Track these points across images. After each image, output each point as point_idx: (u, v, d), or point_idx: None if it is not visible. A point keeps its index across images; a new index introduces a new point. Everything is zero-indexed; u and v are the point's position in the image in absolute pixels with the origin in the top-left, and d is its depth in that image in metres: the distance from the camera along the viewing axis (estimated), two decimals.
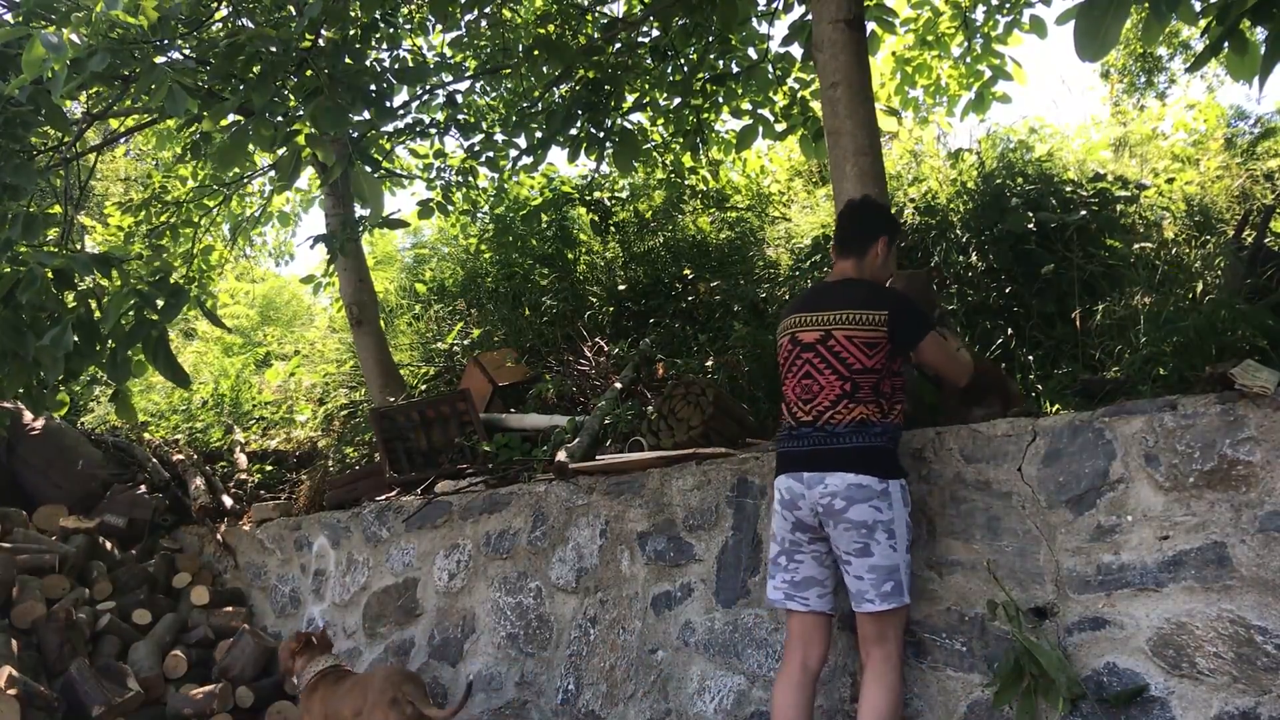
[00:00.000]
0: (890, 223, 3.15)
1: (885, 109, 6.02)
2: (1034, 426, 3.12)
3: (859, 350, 2.90)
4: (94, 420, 7.54)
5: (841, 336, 2.92)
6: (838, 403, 2.90)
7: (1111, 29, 2.31)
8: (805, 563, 2.99)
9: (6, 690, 3.80)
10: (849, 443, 2.85)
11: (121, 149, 9.76)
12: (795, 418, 3.01)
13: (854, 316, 2.92)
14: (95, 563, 5.02)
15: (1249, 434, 2.72)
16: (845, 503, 2.82)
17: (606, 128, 5.67)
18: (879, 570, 2.82)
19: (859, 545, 2.82)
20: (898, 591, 2.83)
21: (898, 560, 2.83)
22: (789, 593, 3.01)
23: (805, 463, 2.91)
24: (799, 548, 2.99)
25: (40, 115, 3.95)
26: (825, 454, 2.88)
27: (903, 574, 2.84)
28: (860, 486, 2.81)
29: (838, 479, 2.84)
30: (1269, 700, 2.56)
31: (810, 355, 2.97)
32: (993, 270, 5.16)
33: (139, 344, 3.66)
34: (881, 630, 2.87)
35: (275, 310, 10.55)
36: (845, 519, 2.82)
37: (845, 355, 2.91)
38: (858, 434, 2.86)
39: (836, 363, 2.92)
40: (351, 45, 4.18)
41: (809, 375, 2.96)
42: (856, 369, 2.90)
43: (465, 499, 4.55)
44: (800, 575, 2.99)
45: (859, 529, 2.81)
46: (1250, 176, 5.83)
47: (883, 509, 2.82)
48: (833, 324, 2.95)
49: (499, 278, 7.35)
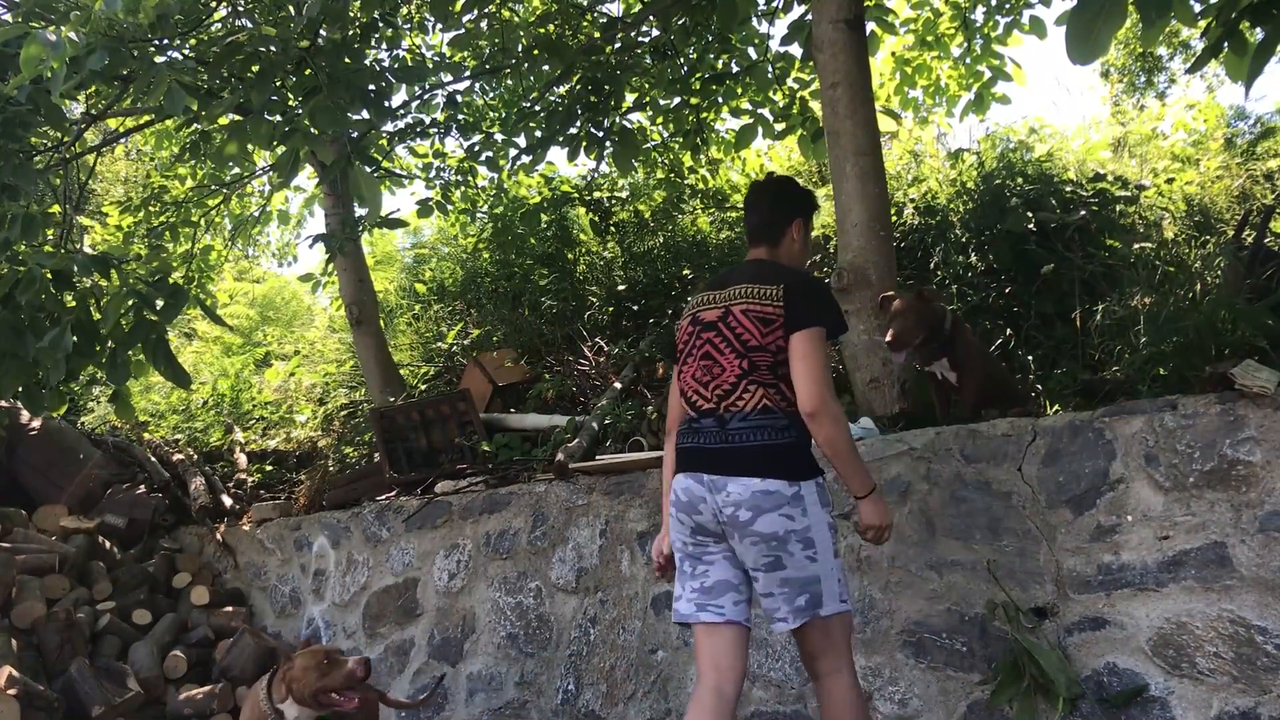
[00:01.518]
0: (803, 202, 2.82)
1: (884, 110, 6.02)
2: (1034, 426, 3.12)
3: (754, 325, 2.58)
4: (94, 420, 7.54)
5: (738, 311, 2.61)
6: (738, 384, 2.56)
7: (1103, 33, 2.30)
8: (716, 564, 2.59)
9: (6, 690, 3.80)
10: (753, 440, 2.51)
11: (121, 149, 9.76)
12: (695, 406, 2.65)
13: (752, 291, 2.62)
14: (95, 563, 5.01)
15: (1249, 434, 2.72)
16: (751, 513, 2.45)
17: (606, 127, 5.67)
18: (792, 584, 2.46)
19: (768, 559, 2.46)
20: (813, 605, 2.46)
21: (816, 571, 2.46)
22: (701, 602, 2.57)
23: (706, 463, 2.55)
24: (705, 549, 2.60)
25: (39, 115, 3.95)
26: (727, 454, 2.52)
27: (824, 585, 2.48)
28: (767, 493, 2.45)
29: (740, 486, 2.46)
30: (1269, 700, 2.56)
31: (711, 334, 2.66)
32: (993, 270, 5.16)
33: (139, 345, 3.66)
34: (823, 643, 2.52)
35: (275, 310, 10.55)
36: (752, 532, 2.45)
37: (741, 331, 2.60)
38: (762, 429, 2.52)
39: (734, 339, 2.60)
40: (351, 45, 4.18)
41: (709, 356, 2.64)
42: (752, 345, 2.57)
43: (465, 499, 4.55)
44: (712, 579, 2.58)
45: (768, 542, 2.45)
46: (1250, 176, 5.83)
47: (795, 516, 2.45)
48: (731, 300, 2.65)
49: (499, 278, 7.35)
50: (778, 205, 2.78)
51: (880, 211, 4.25)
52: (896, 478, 3.32)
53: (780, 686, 3.40)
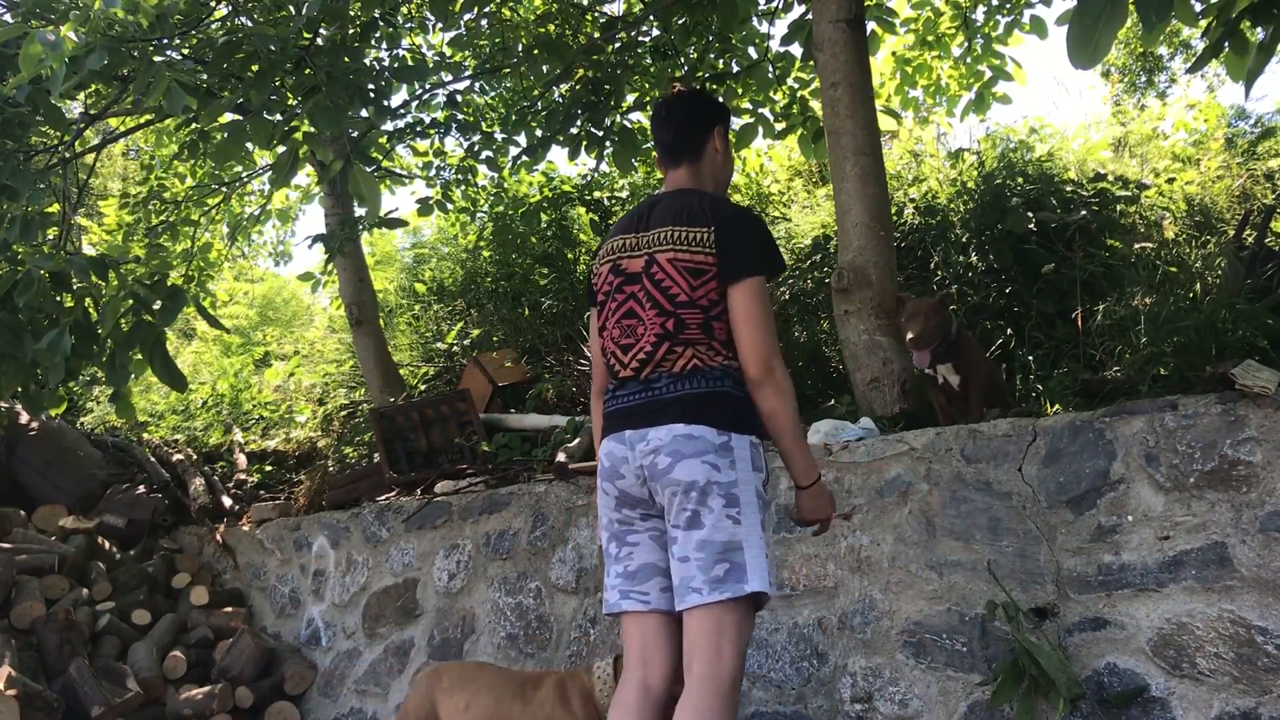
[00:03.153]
0: (719, 109, 2.48)
1: (885, 109, 6.02)
2: (1034, 426, 3.11)
3: (681, 278, 2.21)
4: (94, 420, 7.54)
5: (664, 260, 2.24)
6: (659, 346, 2.21)
7: (1104, 37, 2.30)
8: (641, 545, 2.26)
9: (6, 690, 3.80)
10: (679, 389, 2.18)
11: (120, 147, 9.76)
12: (614, 374, 2.32)
13: (678, 236, 2.24)
14: (95, 563, 5.01)
15: (1250, 434, 2.72)
16: (670, 459, 2.12)
17: (606, 127, 5.67)
18: (709, 547, 2.08)
19: (687, 513, 2.11)
20: (736, 577, 2.07)
21: (739, 536, 2.09)
22: (625, 589, 2.25)
23: (627, 420, 2.23)
24: (630, 528, 2.27)
25: (39, 115, 3.95)
26: (651, 406, 2.20)
27: (748, 554, 2.09)
28: (691, 438, 2.12)
29: (662, 431, 2.15)
30: (1269, 701, 2.56)
31: (634, 288, 2.29)
32: (993, 270, 5.16)
33: (137, 346, 3.66)
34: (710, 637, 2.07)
35: (274, 310, 10.55)
36: (671, 480, 2.12)
37: (669, 284, 2.23)
38: (690, 380, 2.19)
39: (660, 294, 2.23)
40: (350, 44, 4.18)
41: (632, 314, 2.27)
42: (681, 301, 2.21)
43: (465, 499, 4.55)
44: (636, 563, 2.25)
45: (687, 492, 2.10)
46: (1251, 176, 5.83)
47: (721, 467, 2.11)
48: (656, 245, 2.26)
49: (499, 277, 7.35)
50: (693, 115, 2.42)
51: (880, 211, 4.25)
52: (896, 478, 3.32)
53: (780, 687, 3.40)
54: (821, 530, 2.40)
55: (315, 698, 4.70)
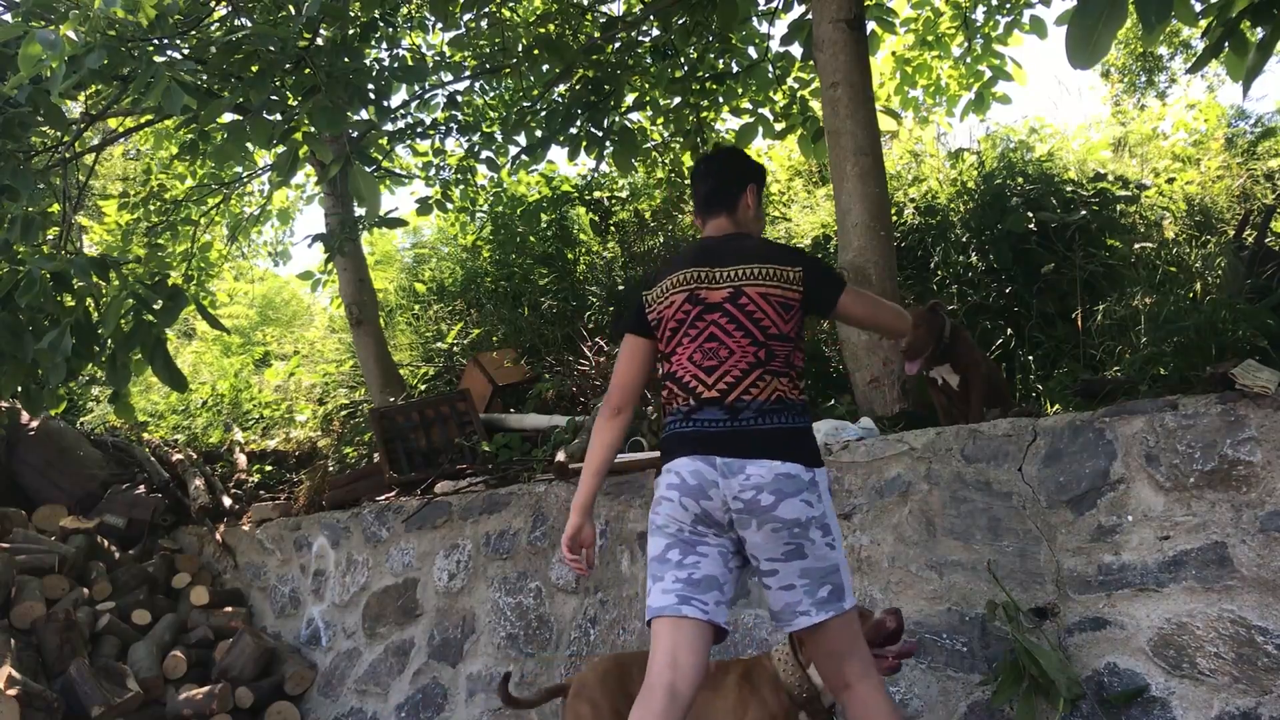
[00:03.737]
0: (756, 169, 2.71)
1: (885, 109, 6.02)
2: (1034, 426, 3.11)
3: (774, 311, 2.42)
4: (93, 420, 7.54)
5: (755, 294, 2.43)
6: (749, 373, 2.39)
7: (1103, 37, 2.30)
8: (710, 558, 2.39)
9: (6, 690, 3.80)
10: (768, 424, 2.36)
11: (120, 148, 9.76)
12: (694, 394, 2.44)
13: (769, 272, 2.44)
14: (95, 563, 5.01)
15: (1250, 434, 2.72)
16: (773, 498, 2.29)
17: (606, 127, 5.67)
18: (813, 574, 2.31)
19: (790, 547, 2.30)
20: (836, 596, 2.32)
21: (836, 560, 2.35)
22: (685, 595, 2.35)
23: (715, 446, 2.36)
24: (702, 540, 2.40)
25: (39, 115, 3.95)
26: (740, 437, 2.35)
27: (843, 575, 2.37)
28: (789, 477, 2.30)
29: (762, 468, 2.30)
30: (1270, 701, 2.56)
31: (717, 315, 2.45)
32: (993, 270, 5.16)
33: (138, 347, 3.66)
34: (847, 644, 2.36)
35: (274, 310, 10.55)
36: (774, 518, 2.29)
37: (759, 316, 2.42)
38: (777, 413, 2.37)
39: (750, 324, 2.42)
40: (350, 44, 4.18)
41: (714, 339, 2.43)
42: (772, 334, 2.41)
43: (465, 499, 4.55)
44: (701, 573, 2.37)
45: (790, 529, 2.30)
46: (1251, 176, 5.83)
47: (813, 502, 2.33)
48: (744, 279, 2.45)
49: (499, 277, 7.35)
50: (729, 171, 2.66)
51: (880, 211, 4.25)
52: (896, 478, 3.32)
53: None
54: None
55: (315, 698, 4.70)
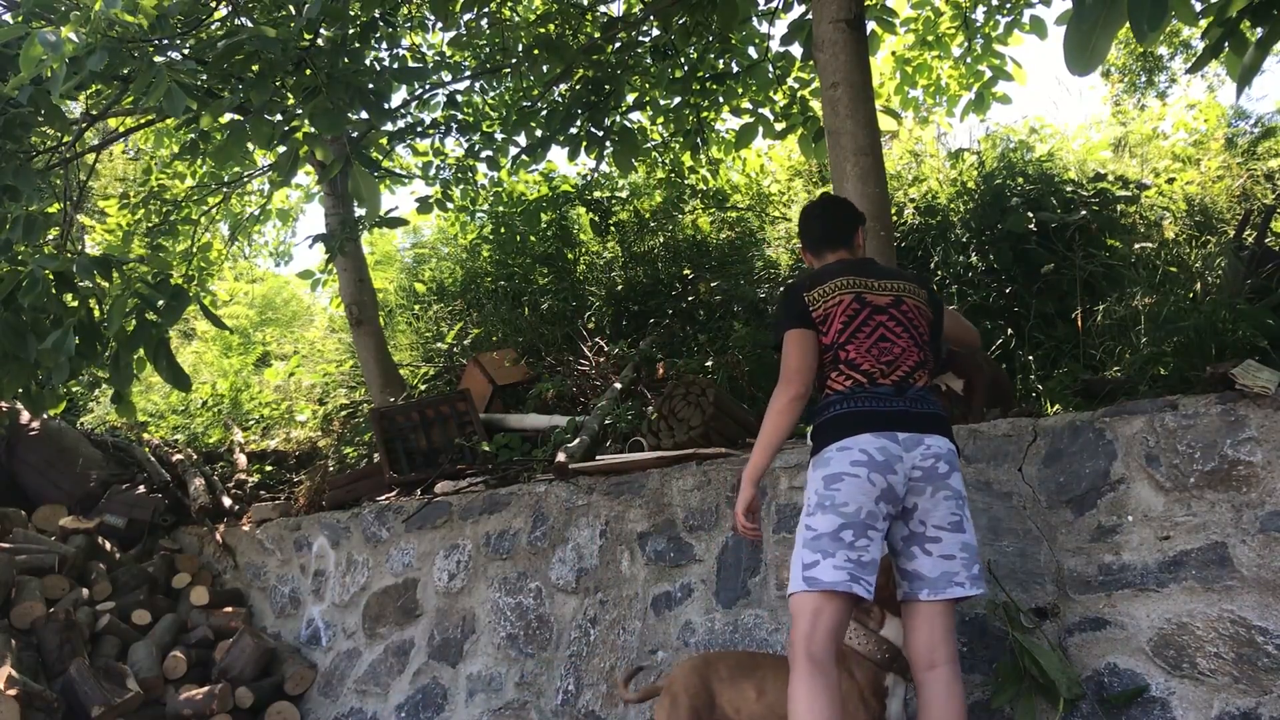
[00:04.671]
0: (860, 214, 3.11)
1: (885, 109, 6.02)
2: (1034, 427, 3.12)
3: (924, 323, 2.78)
4: (94, 420, 7.54)
5: (911, 305, 2.77)
6: (916, 369, 2.68)
7: (1100, 43, 2.30)
8: (876, 542, 2.53)
9: (6, 690, 3.80)
10: (933, 409, 2.65)
11: (120, 148, 9.76)
12: (871, 379, 2.65)
13: (914, 291, 2.82)
14: (95, 563, 5.01)
15: (1250, 434, 2.72)
16: (948, 467, 2.56)
17: (606, 127, 5.67)
18: (970, 550, 2.55)
19: (955, 518, 2.55)
20: (982, 576, 2.58)
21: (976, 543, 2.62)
22: (856, 574, 2.45)
23: (899, 422, 2.58)
24: (873, 524, 2.51)
25: (40, 116, 3.95)
26: (915, 415, 2.60)
27: None
28: (955, 453, 2.61)
29: (940, 441, 2.58)
30: (1270, 701, 2.56)
31: (884, 319, 2.73)
32: (993, 270, 5.16)
33: (141, 347, 3.65)
34: (952, 627, 2.57)
35: (274, 310, 10.55)
36: (948, 485, 2.55)
37: (918, 323, 2.76)
38: (933, 401, 2.68)
39: (912, 329, 2.74)
40: (350, 44, 4.18)
41: (885, 338, 2.70)
42: (927, 340, 2.76)
43: (465, 499, 4.55)
44: (871, 555, 2.50)
45: (957, 499, 2.56)
46: (1251, 176, 5.83)
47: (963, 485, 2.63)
48: (902, 291, 2.78)
49: (499, 277, 7.36)
50: (844, 212, 3.04)
51: (880, 211, 4.25)
52: None
53: None
54: None
55: (315, 698, 4.70)
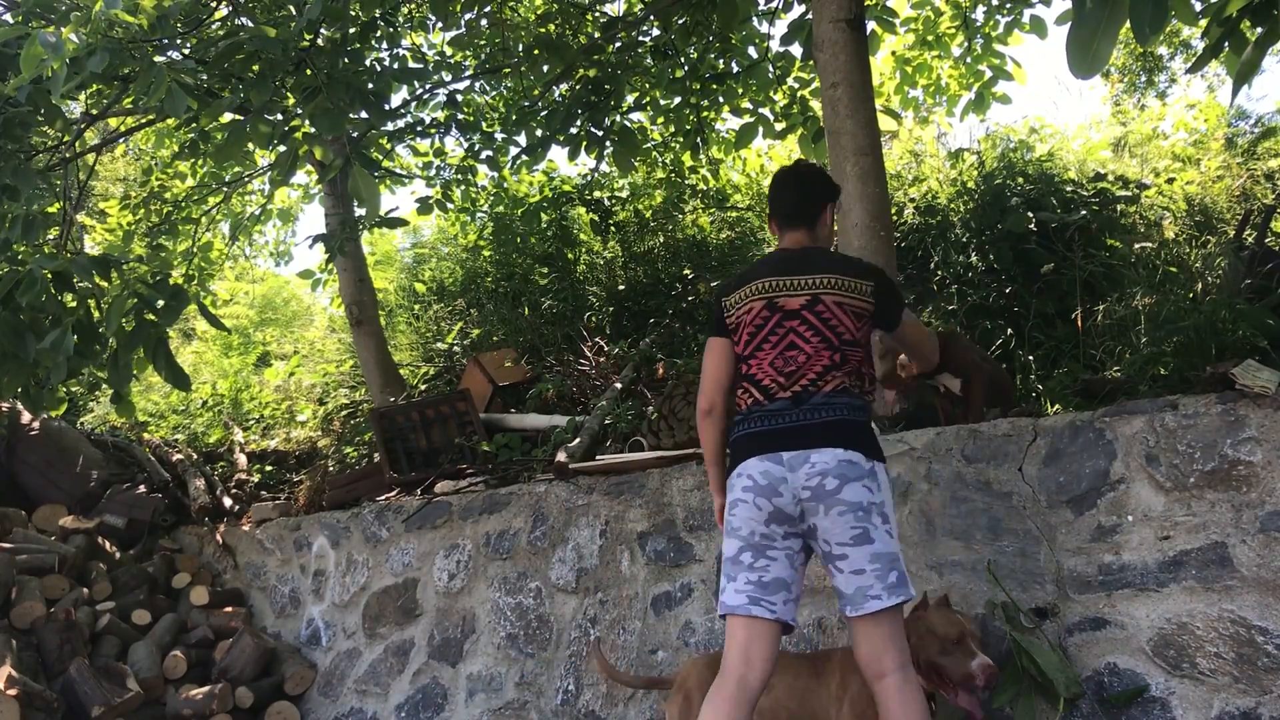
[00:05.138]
0: (832, 187, 2.86)
1: (885, 109, 6.02)
2: (1034, 426, 3.11)
3: (849, 319, 2.59)
4: (94, 420, 7.54)
5: (831, 302, 2.59)
6: (824, 375, 2.55)
7: (1103, 45, 2.30)
8: (777, 561, 2.53)
9: (6, 690, 3.80)
10: (833, 415, 2.51)
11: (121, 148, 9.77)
12: (769, 394, 2.58)
13: (843, 283, 2.60)
14: (95, 563, 5.01)
15: (1250, 434, 2.72)
16: (838, 481, 2.44)
17: (606, 127, 5.67)
18: (882, 559, 2.43)
19: (857, 531, 2.43)
20: (903, 583, 2.44)
21: (895, 549, 2.47)
22: (755, 596, 2.51)
23: (783, 442, 2.51)
24: (771, 543, 2.54)
25: (40, 115, 3.95)
26: (806, 430, 2.50)
27: (903, 566, 2.48)
28: (851, 464, 2.45)
29: (826, 455, 2.46)
30: (1270, 700, 2.56)
31: (795, 323, 2.60)
32: (993, 270, 5.16)
33: (140, 347, 3.65)
34: (894, 633, 2.45)
35: (274, 310, 10.55)
36: (839, 500, 2.43)
37: (835, 323, 2.58)
38: (842, 406, 2.53)
39: (826, 330, 2.58)
40: (350, 45, 4.18)
41: (794, 346, 2.58)
42: (847, 340, 2.59)
43: (465, 499, 4.55)
44: (770, 575, 2.52)
45: (855, 511, 2.43)
46: (1251, 176, 5.83)
47: (873, 490, 2.47)
48: (821, 288, 2.60)
49: (499, 277, 7.36)
50: (811, 188, 2.80)
51: (880, 211, 4.25)
52: (897, 478, 3.32)
53: None
54: None
55: (315, 698, 4.70)
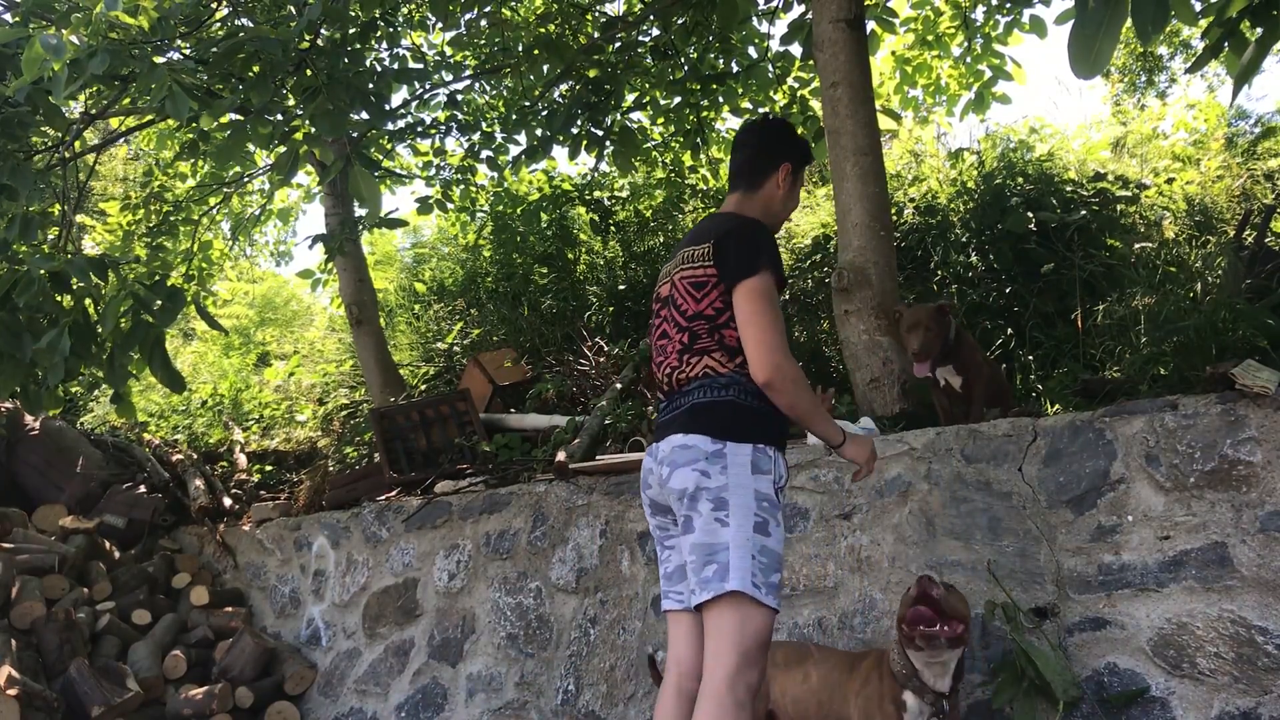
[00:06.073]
0: (797, 147, 2.51)
1: (884, 109, 6.02)
2: (1034, 426, 3.11)
3: (688, 294, 2.36)
4: (94, 420, 7.54)
5: (679, 280, 2.39)
6: (681, 359, 2.36)
7: (1105, 46, 2.31)
8: (675, 550, 2.42)
9: (6, 690, 3.80)
10: (689, 400, 2.32)
11: (121, 149, 9.78)
12: (662, 390, 2.48)
13: (687, 254, 2.40)
14: (95, 563, 5.01)
15: (1250, 434, 2.72)
16: (669, 469, 2.28)
17: (606, 126, 5.68)
18: (699, 550, 2.18)
19: (684, 518, 2.25)
20: (719, 576, 2.13)
21: (726, 538, 2.15)
22: (665, 589, 2.43)
23: (657, 435, 2.40)
24: (667, 533, 2.44)
25: (39, 115, 3.94)
26: (671, 421, 2.35)
27: (732, 557, 2.13)
28: (685, 448, 2.24)
29: (665, 444, 2.32)
30: (1269, 700, 2.56)
31: (665, 313, 2.46)
32: (993, 270, 5.16)
33: (136, 347, 3.65)
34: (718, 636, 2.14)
35: (274, 310, 10.55)
36: (670, 489, 2.28)
37: (680, 302, 2.38)
38: (697, 389, 2.31)
39: (676, 313, 2.40)
40: (350, 45, 4.18)
41: (665, 335, 2.45)
42: (690, 315, 2.35)
43: (465, 499, 4.55)
44: (672, 566, 2.43)
45: (680, 499, 2.24)
46: (1251, 176, 5.83)
47: (711, 473, 2.19)
48: (677, 267, 2.43)
49: (499, 277, 7.35)
50: (766, 144, 2.48)
51: (880, 211, 4.25)
52: (896, 478, 3.32)
53: None
54: (868, 471, 2.46)
55: (315, 698, 4.70)
